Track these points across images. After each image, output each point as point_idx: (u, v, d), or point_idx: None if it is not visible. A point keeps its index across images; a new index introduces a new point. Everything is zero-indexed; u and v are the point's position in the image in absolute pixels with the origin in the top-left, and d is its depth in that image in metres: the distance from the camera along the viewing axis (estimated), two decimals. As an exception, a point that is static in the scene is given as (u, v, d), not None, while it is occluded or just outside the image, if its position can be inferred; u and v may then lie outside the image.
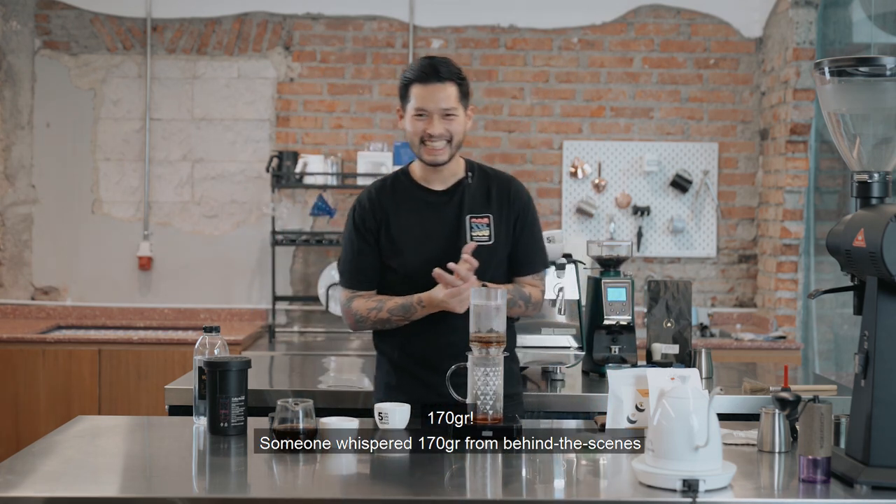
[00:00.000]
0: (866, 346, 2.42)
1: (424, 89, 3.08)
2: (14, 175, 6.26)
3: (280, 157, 6.05)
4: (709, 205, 6.28)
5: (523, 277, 3.22)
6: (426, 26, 6.28)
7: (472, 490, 2.47)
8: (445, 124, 3.09)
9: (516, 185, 3.25)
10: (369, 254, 3.19)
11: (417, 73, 3.09)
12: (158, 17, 6.25)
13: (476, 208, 3.17)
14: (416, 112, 3.10)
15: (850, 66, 2.51)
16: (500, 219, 3.17)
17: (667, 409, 2.37)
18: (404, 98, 3.14)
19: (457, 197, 3.18)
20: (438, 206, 3.17)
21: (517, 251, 3.20)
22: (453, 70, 3.10)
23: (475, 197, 3.18)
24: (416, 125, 3.10)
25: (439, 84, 3.07)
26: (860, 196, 2.53)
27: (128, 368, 5.50)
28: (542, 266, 3.26)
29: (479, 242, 3.12)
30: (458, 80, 3.11)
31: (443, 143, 3.10)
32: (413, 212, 3.18)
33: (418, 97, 3.08)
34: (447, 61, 3.12)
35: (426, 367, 3.15)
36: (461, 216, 3.16)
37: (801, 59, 5.74)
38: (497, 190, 3.20)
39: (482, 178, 3.22)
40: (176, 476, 2.54)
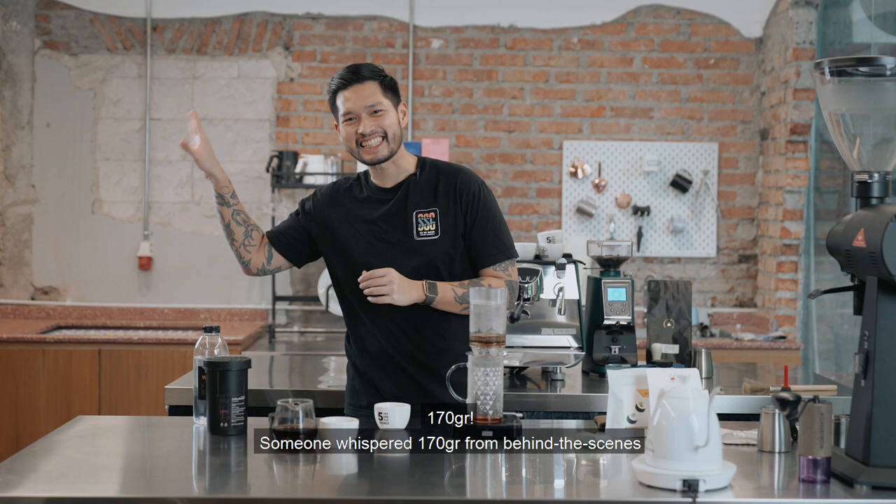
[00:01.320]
0: (866, 346, 2.42)
1: (347, 93, 3.11)
2: (14, 175, 6.26)
3: (280, 157, 6.05)
4: (709, 205, 6.28)
5: (485, 270, 3.19)
6: (426, 26, 6.28)
7: (472, 490, 2.47)
8: (375, 121, 3.11)
9: (464, 176, 3.21)
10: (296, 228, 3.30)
11: (339, 81, 3.13)
12: (158, 17, 6.26)
13: (422, 203, 3.17)
14: (345, 118, 3.13)
15: (850, 66, 2.51)
16: (448, 212, 3.16)
17: (667, 409, 2.37)
18: (333, 110, 3.18)
19: (402, 193, 3.20)
20: (386, 202, 3.20)
21: (472, 244, 3.17)
22: (373, 69, 3.14)
23: (422, 192, 3.19)
24: (347, 130, 3.14)
25: (359, 84, 3.10)
26: (860, 196, 2.53)
27: (128, 368, 5.50)
28: (501, 256, 3.18)
29: (425, 237, 3.14)
30: (379, 76, 3.14)
31: (378, 140, 3.12)
32: (362, 208, 3.21)
33: (344, 102, 3.12)
34: (367, 63, 3.18)
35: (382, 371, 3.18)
36: (407, 211, 3.17)
37: (801, 59, 5.74)
38: (444, 183, 3.19)
39: (432, 173, 3.22)
40: (176, 476, 2.54)
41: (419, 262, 3.12)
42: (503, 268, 3.19)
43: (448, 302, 3.10)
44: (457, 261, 3.17)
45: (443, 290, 3.09)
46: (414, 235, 3.15)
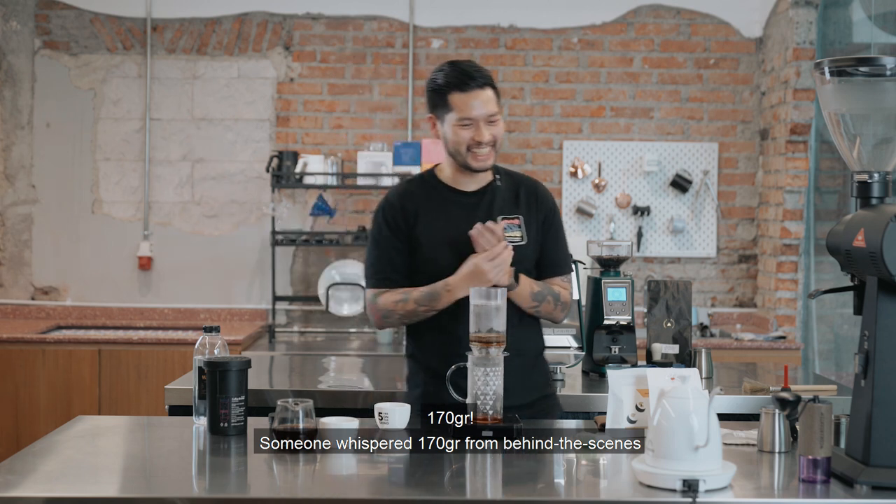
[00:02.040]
0: (866, 346, 2.42)
1: (465, 97, 3.03)
2: (14, 175, 6.26)
3: (280, 157, 6.05)
4: (709, 205, 6.28)
5: (551, 279, 3.22)
6: (426, 26, 6.28)
7: (472, 490, 2.47)
8: (491, 130, 3.07)
9: (543, 188, 3.26)
10: (398, 252, 3.16)
11: (454, 81, 3.04)
12: (158, 17, 6.26)
13: (506, 209, 3.17)
14: (459, 122, 3.05)
15: (850, 66, 2.51)
16: (529, 221, 3.18)
17: (667, 409, 2.37)
18: (440, 106, 3.08)
19: (487, 198, 3.17)
20: (469, 207, 3.16)
21: (544, 253, 3.21)
22: (486, 74, 3.08)
23: (505, 199, 3.18)
24: (461, 134, 3.06)
25: (479, 90, 3.03)
26: (860, 196, 2.53)
27: (128, 368, 5.50)
28: (568, 269, 3.26)
29: (511, 243, 3.11)
30: (493, 82, 3.09)
31: (489, 149, 3.09)
32: (443, 213, 3.16)
33: (460, 106, 3.04)
34: (476, 65, 3.09)
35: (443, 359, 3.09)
36: (492, 217, 3.14)
37: (801, 59, 5.74)
38: (525, 192, 3.21)
39: (509, 180, 3.22)
40: (176, 476, 2.54)
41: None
42: (567, 280, 3.26)
43: (523, 296, 3.11)
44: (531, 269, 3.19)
45: (523, 283, 3.11)
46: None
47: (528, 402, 3.14)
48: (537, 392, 3.21)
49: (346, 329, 6.22)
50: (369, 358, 5.17)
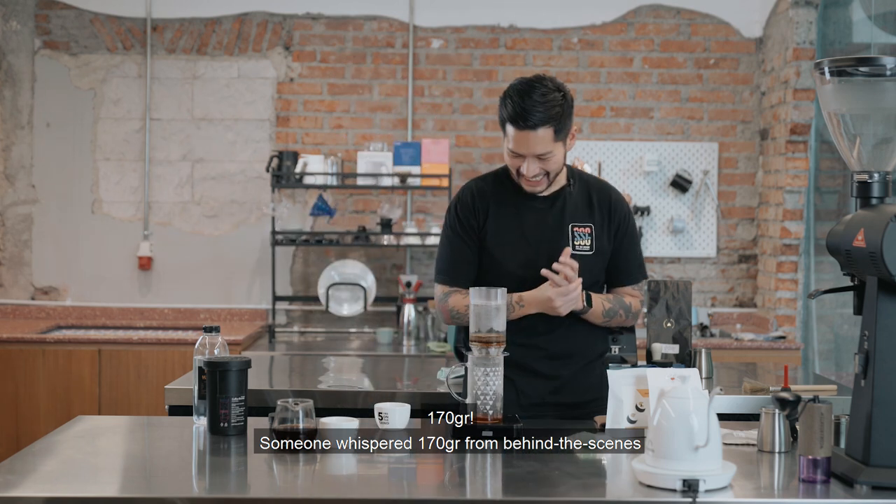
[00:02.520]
0: (866, 346, 2.42)
1: (518, 134, 3.01)
2: (14, 175, 6.26)
3: (280, 157, 6.05)
4: (709, 205, 6.28)
5: (622, 287, 3.23)
6: (426, 26, 6.28)
7: (472, 490, 2.47)
8: (540, 164, 3.06)
9: (617, 194, 3.25)
10: (468, 250, 3.17)
11: (512, 115, 2.99)
12: (158, 17, 6.26)
13: (578, 217, 3.16)
14: (511, 152, 3.06)
15: (850, 66, 2.51)
16: (602, 228, 3.18)
17: (667, 409, 2.37)
18: (502, 126, 3.07)
19: (559, 204, 3.17)
20: (541, 211, 3.16)
21: (617, 261, 3.21)
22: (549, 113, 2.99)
23: (577, 205, 3.18)
24: (512, 161, 3.08)
25: (531, 132, 3.00)
26: (860, 196, 2.53)
27: (128, 368, 5.50)
28: (641, 277, 3.26)
29: (579, 252, 3.12)
30: (555, 121, 3.00)
31: (539, 178, 3.09)
32: (514, 214, 3.16)
33: (512, 139, 3.03)
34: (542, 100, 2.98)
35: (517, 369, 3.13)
36: (563, 224, 3.15)
37: (801, 59, 5.74)
38: (598, 199, 3.20)
39: (583, 186, 3.22)
40: (176, 476, 2.54)
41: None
42: (639, 287, 3.26)
43: (595, 315, 3.15)
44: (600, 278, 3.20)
45: (595, 303, 3.13)
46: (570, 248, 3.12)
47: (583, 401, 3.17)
48: (592, 393, 3.21)
49: (346, 329, 6.22)
50: (369, 358, 5.17)
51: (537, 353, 3.16)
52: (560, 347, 3.14)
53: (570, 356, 3.17)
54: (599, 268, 3.19)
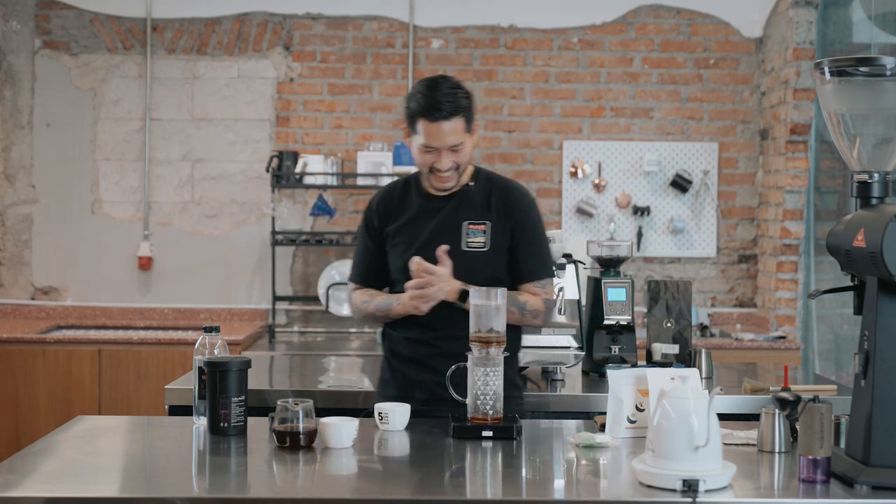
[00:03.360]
0: (866, 346, 2.42)
1: (430, 126, 3.06)
2: (14, 175, 6.26)
3: (280, 157, 6.05)
4: (709, 205, 6.28)
5: (525, 285, 3.22)
6: (426, 26, 6.28)
7: (472, 490, 2.47)
8: (453, 157, 3.10)
9: (517, 192, 3.24)
10: (372, 251, 3.26)
11: (423, 109, 3.05)
12: (158, 17, 6.26)
13: (474, 215, 3.18)
14: (423, 147, 3.09)
15: (850, 66, 2.51)
16: (498, 226, 3.18)
17: (667, 409, 2.37)
18: (410, 125, 3.12)
19: (455, 202, 3.20)
20: (438, 210, 3.20)
21: (517, 258, 3.19)
22: (459, 103, 3.06)
23: (475, 203, 3.20)
24: (423, 158, 3.11)
25: (444, 121, 3.04)
26: (860, 196, 2.52)
27: (128, 368, 5.50)
28: (543, 274, 3.22)
29: (473, 249, 3.15)
30: (464, 110, 3.08)
31: (450, 172, 3.13)
32: (414, 215, 3.21)
33: (425, 133, 3.07)
34: (451, 91, 3.06)
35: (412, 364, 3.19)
36: (457, 221, 3.17)
37: (801, 59, 5.74)
38: (497, 197, 3.21)
39: (485, 185, 3.23)
40: (176, 476, 2.54)
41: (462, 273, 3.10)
42: (542, 285, 3.22)
43: None
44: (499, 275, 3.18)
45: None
46: (462, 246, 3.15)
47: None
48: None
49: (346, 329, 6.22)
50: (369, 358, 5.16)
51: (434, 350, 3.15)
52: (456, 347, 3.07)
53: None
54: (497, 265, 3.18)
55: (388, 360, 3.27)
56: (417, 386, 3.17)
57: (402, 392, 3.18)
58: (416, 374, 3.18)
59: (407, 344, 3.19)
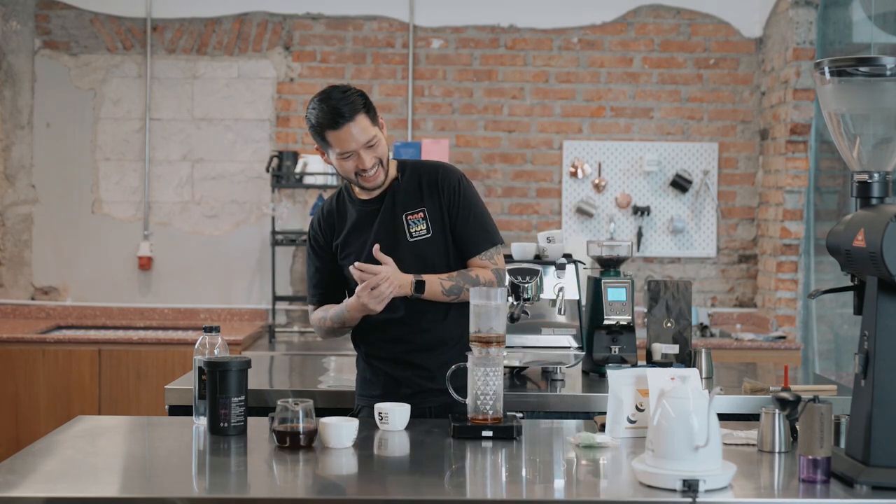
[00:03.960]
0: (866, 346, 2.42)
1: (339, 133, 3.07)
2: (14, 175, 6.26)
3: (280, 157, 6.05)
4: (709, 205, 6.28)
5: (472, 259, 3.22)
6: (426, 26, 6.28)
7: (472, 490, 2.47)
8: (372, 153, 3.12)
9: (444, 171, 3.26)
10: (323, 270, 3.29)
11: (325, 121, 3.07)
12: (158, 17, 6.26)
13: (410, 205, 3.21)
14: (340, 155, 3.11)
15: (850, 66, 2.51)
16: (434, 208, 3.20)
17: (667, 409, 2.37)
18: (321, 141, 3.14)
19: (389, 198, 3.22)
20: (375, 211, 3.22)
21: (457, 235, 3.21)
22: (356, 102, 3.09)
23: (408, 194, 3.22)
24: (346, 165, 3.12)
25: (350, 123, 3.07)
26: (860, 196, 2.52)
27: (128, 368, 5.50)
28: (487, 244, 3.23)
29: (418, 237, 3.18)
30: (363, 106, 3.10)
31: (376, 169, 3.14)
32: (355, 222, 3.24)
33: (337, 142, 3.09)
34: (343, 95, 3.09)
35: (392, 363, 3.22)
36: (396, 216, 3.20)
37: (801, 59, 5.74)
38: (426, 181, 3.23)
39: (413, 174, 3.26)
40: (176, 476, 2.54)
41: (415, 262, 3.15)
42: (489, 256, 3.23)
43: (435, 295, 3.13)
44: (450, 255, 3.21)
45: (430, 285, 3.12)
46: (407, 237, 3.18)
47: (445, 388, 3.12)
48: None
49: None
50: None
51: (407, 347, 3.19)
52: (428, 338, 3.16)
53: (443, 343, 3.17)
54: (444, 247, 3.20)
55: (367, 360, 3.28)
56: (402, 382, 3.20)
57: (387, 389, 3.20)
58: (397, 371, 3.21)
59: (382, 345, 3.22)
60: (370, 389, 3.26)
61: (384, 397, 3.14)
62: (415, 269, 3.13)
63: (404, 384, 3.19)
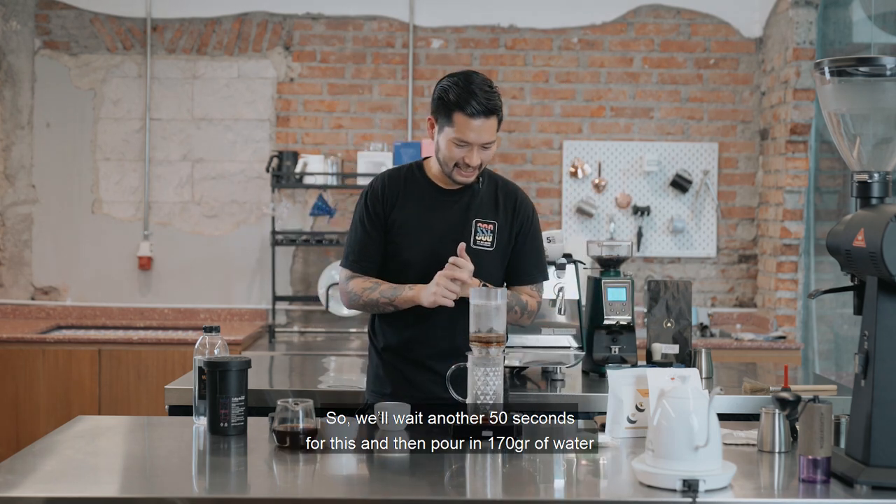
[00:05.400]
0: (866, 346, 2.42)
1: (468, 121, 3.05)
2: (14, 175, 6.26)
3: (280, 157, 6.05)
4: (709, 205, 6.28)
5: (521, 287, 3.26)
6: (426, 26, 6.28)
7: (472, 490, 2.47)
8: (482, 154, 3.11)
9: (523, 195, 3.30)
10: (374, 238, 3.22)
11: (463, 102, 3.03)
12: (158, 17, 6.26)
13: (483, 213, 3.21)
14: (456, 140, 3.08)
15: (850, 66, 2.51)
16: (504, 227, 3.22)
17: (667, 409, 2.37)
18: (443, 117, 3.09)
19: (466, 198, 3.21)
20: (447, 204, 3.21)
21: (517, 261, 3.24)
22: (496, 103, 3.07)
23: (483, 201, 3.22)
24: (454, 151, 3.09)
25: (483, 118, 3.05)
26: (860, 196, 2.53)
27: (128, 368, 5.50)
28: (540, 278, 3.30)
29: (480, 247, 3.17)
30: (499, 111, 3.09)
31: (476, 170, 3.15)
32: (421, 206, 3.21)
33: (461, 128, 3.06)
34: (489, 89, 3.06)
35: (410, 363, 3.22)
36: (467, 218, 3.19)
37: (801, 59, 5.74)
38: (504, 198, 3.25)
39: (491, 184, 3.26)
40: (176, 476, 2.54)
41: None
42: (538, 288, 3.31)
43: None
44: (499, 275, 3.23)
45: None
46: (471, 242, 3.17)
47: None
48: None
49: (346, 329, 6.22)
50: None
51: (430, 350, 3.19)
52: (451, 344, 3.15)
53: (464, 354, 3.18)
54: (498, 264, 3.22)
55: (381, 355, 3.27)
56: (415, 384, 3.19)
57: (397, 389, 3.20)
58: (412, 372, 3.21)
59: (404, 342, 3.20)
60: (381, 387, 3.25)
61: (394, 397, 3.12)
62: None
63: (417, 387, 3.18)
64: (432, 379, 3.17)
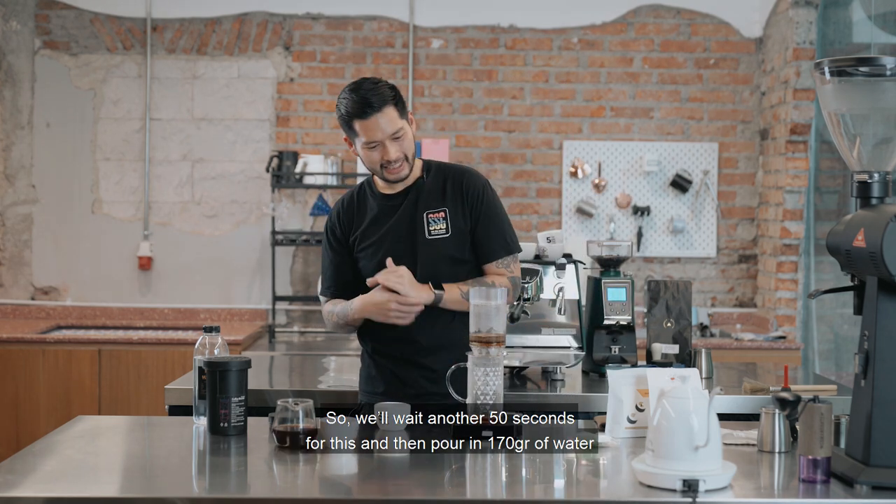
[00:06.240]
0: (866, 346, 2.42)
1: (367, 123, 3.12)
2: (14, 175, 6.26)
3: (280, 157, 6.05)
4: (709, 205, 6.28)
5: (488, 266, 3.26)
6: (426, 26, 6.28)
7: (472, 490, 2.47)
8: (398, 145, 3.15)
9: (469, 175, 3.29)
10: (342, 263, 3.31)
11: (354, 110, 3.11)
12: (158, 17, 6.26)
13: (432, 204, 3.24)
14: (367, 145, 3.15)
15: (850, 66, 2.51)
16: (456, 211, 3.23)
17: (667, 409, 2.37)
18: (348, 129, 3.18)
19: (413, 196, 3.25)
20: (396, 207, 3.25)
21: (477, 240, 3.25)
22: (384, 92, 3.13)
23: (431, 193, 3.25)
24: (371, 155, 3.16)
25: (378, 114, 3.10)
26: (860, 196, 2.53)
27: (128, 368, 5.50)
28: (503, 252, 3.27)
29: (436, 236, 3.21)
30: (393, 98, 3.14)
31: (401, 162, 3.17)
32: (374, 217, 3.27)
33: (364, 131, 3.13)
34: (373, 86, 3.13)
35: (398, 362, 3.24)
36: (417, 213, 3.23)
37: (801, 59, 5.74)
38: (451, 183, 3.26)
39: (438, 175, 3.29)
40: (176, 476, 2.54)
41: (429, 261, 3.18)
42: (505, 264, 3.28)
43: (455, 300, 3.17)
44: (465, 259, 3.24)
45: (449, 290, 3.17)
46: (425, 234, 3.21)
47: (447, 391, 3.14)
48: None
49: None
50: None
51: (415, 347, 3.21)
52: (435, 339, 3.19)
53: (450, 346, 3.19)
54: (461, 249, 3.24)
55: (372, 357, 3.30)
56: (407, 382, 3.22)
57: (390, 388, 3.22)
58: (402, 370, 3.23)
59: (389, 342, 3.23)
60: (374, 386, 3.27)
61: (387, 395, 3.15)
62: (430, 265, 3.17)
63: (409, 384, 3.21)
64: (422, 374, 3.20)
